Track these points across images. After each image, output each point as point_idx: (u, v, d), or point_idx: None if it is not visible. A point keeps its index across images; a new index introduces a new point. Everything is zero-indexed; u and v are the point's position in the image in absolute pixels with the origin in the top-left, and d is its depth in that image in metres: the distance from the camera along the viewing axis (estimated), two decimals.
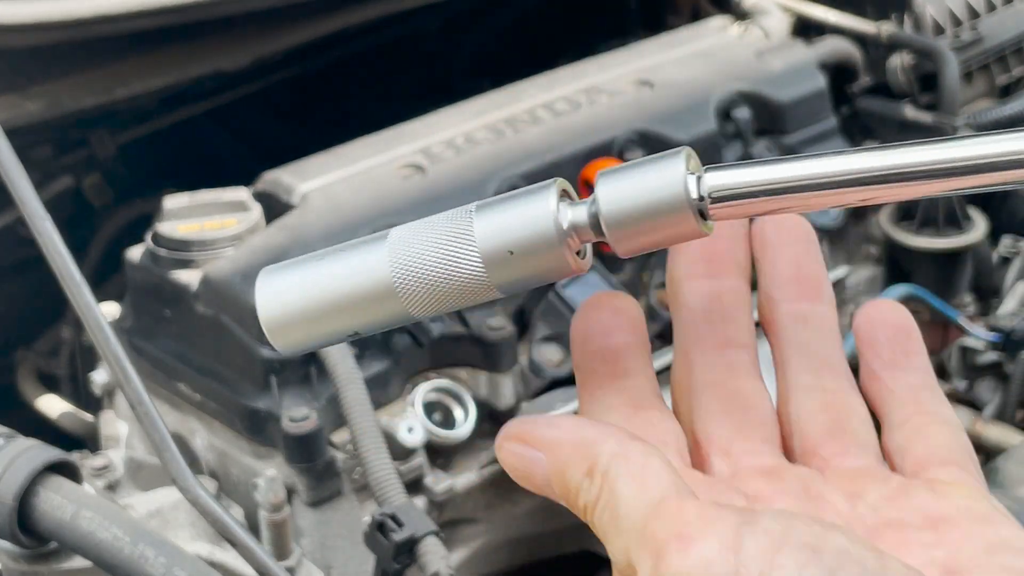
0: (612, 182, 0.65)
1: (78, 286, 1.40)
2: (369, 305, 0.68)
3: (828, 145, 2.03)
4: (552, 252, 0.65)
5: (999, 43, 2.36)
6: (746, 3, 2.30)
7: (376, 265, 0.68)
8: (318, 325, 0.70)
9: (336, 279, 0.69)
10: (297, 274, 0.72)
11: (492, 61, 2.70)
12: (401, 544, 1.33)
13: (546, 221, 0.64)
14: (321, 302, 0.69)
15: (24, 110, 1.88)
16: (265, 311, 0.72)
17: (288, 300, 0.71)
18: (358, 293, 0.69)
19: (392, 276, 0.67)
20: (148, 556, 1.26)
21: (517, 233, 0.65)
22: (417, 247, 0.68)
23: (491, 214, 0.66)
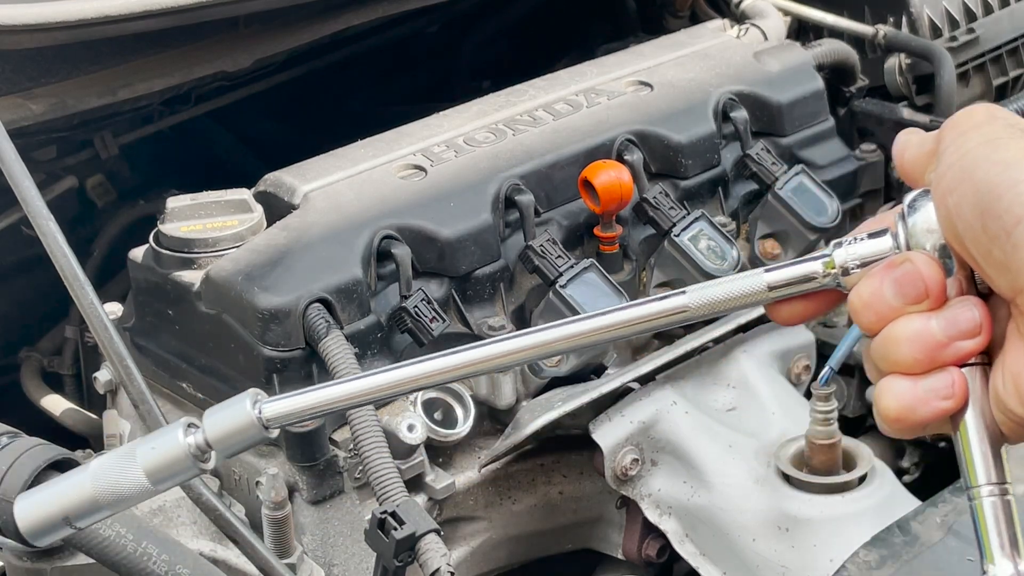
0: (212, 420, 0.98)
1: (82, 286, 1.41)
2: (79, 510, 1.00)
3: (826, 145, 2.04)
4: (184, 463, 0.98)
5: (995, 44, 2.37)
6: (744, 5, 2.31)
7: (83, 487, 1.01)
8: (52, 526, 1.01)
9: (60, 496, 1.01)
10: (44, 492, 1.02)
11: (492, 63, 2.71)
12: (402, 542, 1.34)
13: (181, 448, 0.97)
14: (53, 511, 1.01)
15: (28, 111, 1.89)
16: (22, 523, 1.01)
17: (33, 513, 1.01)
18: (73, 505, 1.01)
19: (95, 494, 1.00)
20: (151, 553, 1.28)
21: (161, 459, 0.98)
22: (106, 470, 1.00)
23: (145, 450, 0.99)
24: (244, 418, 0.97)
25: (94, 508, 1.00)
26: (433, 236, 1.67)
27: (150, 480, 0.99)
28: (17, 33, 1.73)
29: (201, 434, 0.98)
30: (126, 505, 1.01)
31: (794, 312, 0.91)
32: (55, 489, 1.02)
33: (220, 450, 0.99)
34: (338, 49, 2.40)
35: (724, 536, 1.65)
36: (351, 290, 1.59)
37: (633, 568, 1.76)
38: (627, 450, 1.66)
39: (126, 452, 1.00)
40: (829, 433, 1.62)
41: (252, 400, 0.97)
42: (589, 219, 1.79)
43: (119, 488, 0.99)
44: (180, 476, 1.00)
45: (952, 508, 1.36)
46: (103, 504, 1.00)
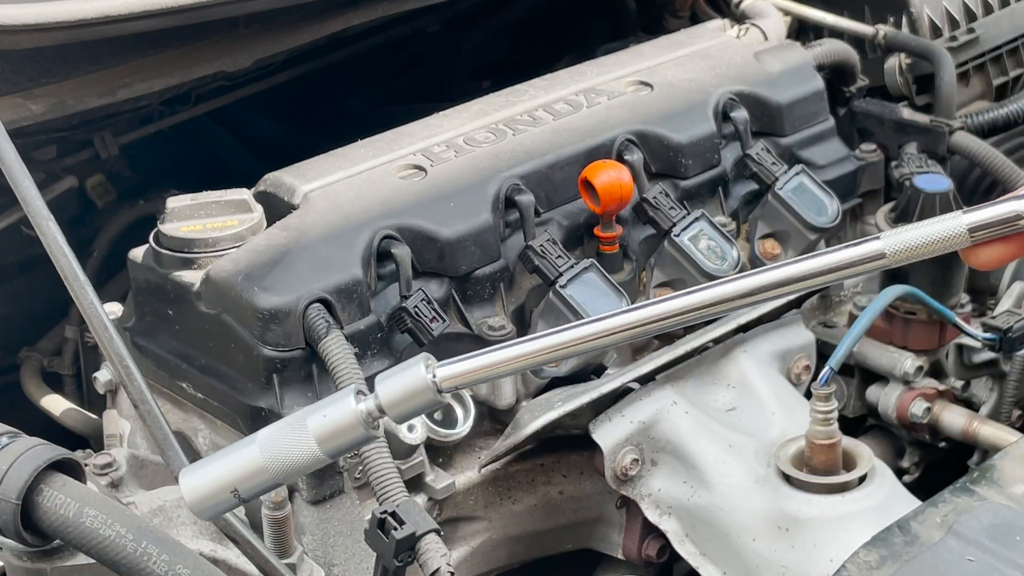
0: (386, 383, 0.99)
1: (82, 286, 1.41)
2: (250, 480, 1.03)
3: (826, 145, 2.04)
4: (358, 429, 1.00)
5: (995, 44, 2.38)
6: (744, 5, 2.31)
7: (250, 455, 1.03)
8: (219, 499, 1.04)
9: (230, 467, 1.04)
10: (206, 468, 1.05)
11: (492, 63, 2.71)
12: (402, 542, 1.33)
13: (352, 413, 0.99)
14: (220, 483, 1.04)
15: (28, 111, 1.89)
16: (189, 495, 1.05)
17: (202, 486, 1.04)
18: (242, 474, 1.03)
19: (263, 461, 1.02)
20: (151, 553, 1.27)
21: (336, 427, 1.00)
22: (277, 442, 1.02)
23: (317, 418, 1.01)
24: (418, 381, 0.97)
25: (263, 478, 1.01)
26: (433, 236, 1.67)
27: (321, 448, 0.99)
28: (17, 33, 1.73)
29: (374, 400, 0.99)
30: (295, 475, 1.02)
31: (993, 255, 0.88)
32: (222, 461, 1.02)
33: (394, 415, 0.99)
34: (338, 49, 2.40)
35: (724, 536, 1.65)
36: (351, 290, 1.59)
37: (633, 568, 1.76)
38: (627, 450, 1.66)
39: (295, 421, 1.01)
40: (829, 433, 1.62)
41: (425, 363, 0.98)
42: (589, 219, 1.79)
43: (289, 457, 1.00)
44: (351, 443, 1.01)
45: (952, 508, 1.36)
46: (272, 474, 1.01)
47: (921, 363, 1.92)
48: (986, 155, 2.08)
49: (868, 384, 1.97)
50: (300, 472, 1.01)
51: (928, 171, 2.03)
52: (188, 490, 1.02)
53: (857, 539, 1.36)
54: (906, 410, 1.91)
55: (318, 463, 1.00)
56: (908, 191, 1.98)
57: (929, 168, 2.05)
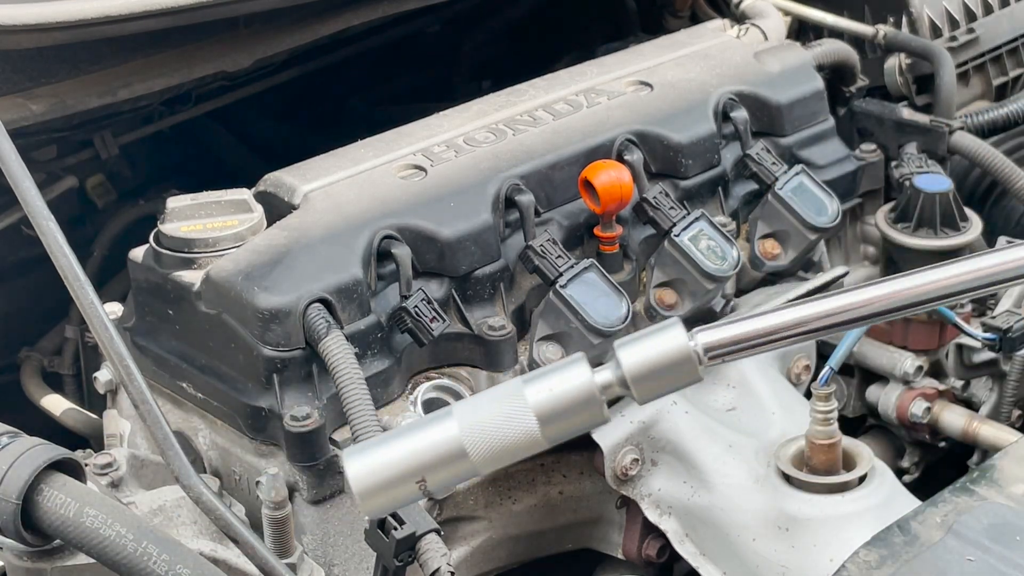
0: (631, 351, 0.80)
1: (82, 286, 1.42)
2: (442, 468, 0.82)
3: (825, 146, 2.04)
4: (593, 408, 0.80)
5: (995, 44, 2.38)
6: (744, 5, 2.31)
7: (448, 435, 0.82)
8: (401, 491, 0.83)
9: (415, 450, 0.82)
10: (382, 450, 0.84)
11: (492, 63, 2.72)
12: (402, 541, 1.34)
13: (588, 386, 0.80)
14: (404, 472, 0.82)
15: (28, 111, 1.89)
16: (358, 485, 0.84)
17: (377, 474, 0.83)
18: (434, 460, 0.82)
19: (463, 443, 0.81)
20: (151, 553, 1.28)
21: (563, 401, 0.80)
22: (482, 417, 0.82)
23: (540, 388, 0.80)
24: (676, 350, 0.79)
25: (460, 467, 0.80)
26: (433, 236, 1.67)
27: (543, 430, 0.80)
28: (17, 33, 1.73)
29: (615, 370, 0.81)
30: (500, 463, 0.81)
31: None
32: (405, 441, 0.81)
33: (641, 392, 0.81)
34: (338, 49, 2.40)
35: (724, 536, 1.65)
36: (351, 290, 1.60)
37: (633, 568, 1.76)
38: (627, 450, 1.66)
39: (509, 393, 0.81)
40: (829, 433, 1.62)
41: (683, 328, 0.80)
42: (589, 219, 1.79)
43: (500, 439, 0.80)
44: (579, 427, 0.81)
45: (952, 508, 1.36)
46: (474, 460, 0.80)
47: (921, 363, 1.92)
48: (986, 155, 2.08)
49: (868, 384, 1.97)
50: (507, 460, 0.80)
51: (928, 171, 2.04)
52: (358, 477, 0.81)
53: (857, 539, 1.36)
54: (906, 410, 1.91)
55: (533, 448, 0.80)
56: (908, 191, 1.98)
57: (929, 168, 2.05)
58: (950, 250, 1.96)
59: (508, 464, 0.83)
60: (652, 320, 1.80)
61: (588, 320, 1.65)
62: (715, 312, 1.86)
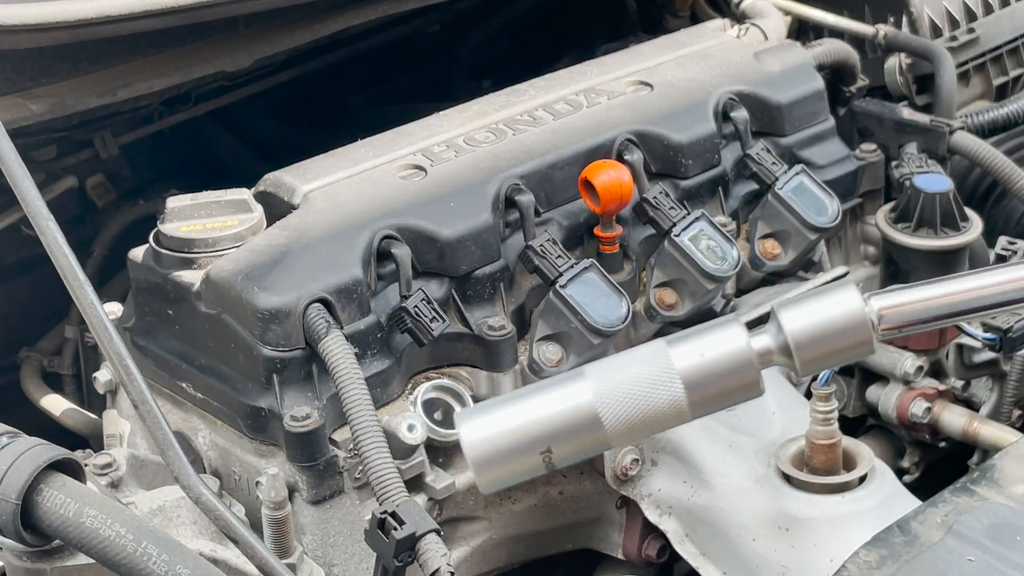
0: (795, 314, 0.70)
1: (82, 286, 1.41)
2: (571, 437, 0.73)
3: (825, 146, 2.04)
4: (748, 377, 0.72)
5: (996, 44, 2.38)
6: (744, 5, 2.31)
7: (580, 401, 0.72)
8: (522, 462, 0.74)
9: (539, 417, 0.72)
10: (501, 414, 0.74)
11: (492, 63, 2.72)
12: (402, 542, 1.34)
13: (744, 352, 0.71)
14: (527, 441, 0.73)
15: (28, 111, 1.89)
16: (473, 453, 0.75)
17: (496, 442, 0.74)
18: (562, 427, 0.72)
19: (598, 409, 0.71)
20: (151, 553, 1.28)
21: (715, 367, 0.71)
22: (621, 382, 0.72)
23: (689, 351, 0.71)
24: (850, 314, 0.70)
25: (591, 437, 0.71)
26: (433, 236, 1.67)
27: (689, 397, 0.71)
28: (17, 33, 1.73)
29: (776, 335, 0.73)
30: (636, 436, 0.73)
31: None
32: (532, 404, 0.72)
33: (804, 361, 0.71)
34: (338, 49, 2.40)
35: (724, 536, 1.65)
36: (351, 290, 1.60)
37: (633, 568, 1.76)
38: (627, 450, 1.66)
39: (652, 355, 0.73)
40: (829, 433, 1.62)
41: (857, 289, 0.71)
42: (589, 219, 1.79)
43: (641, 406, 0.70)
44: (729, 395, 0.73)
45: (952, 508, 1.36)
46: (609, 431, 0.71)
47: (921, 363, 1.92)
48: (986, 155, 2.08)
49: (868, 384, 1.97)
50: (645, 432, 0.73)
51: (928, 171, 2.03)
52: (473, 445, 0.73)
53: (857, 539, 1.36)
54: (906, 410, 1.91)
55: (676, 420, 0.72)
56: (908, 191, 1.98)
57: (929, 168, 2.05)
58: (950, 250, 1.96)
59: (642, 438, 0.74)
60: (652, 320, 1.80)
61: (588, 320, 1.65)
62: (715, 312, 1.86)
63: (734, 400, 0.75)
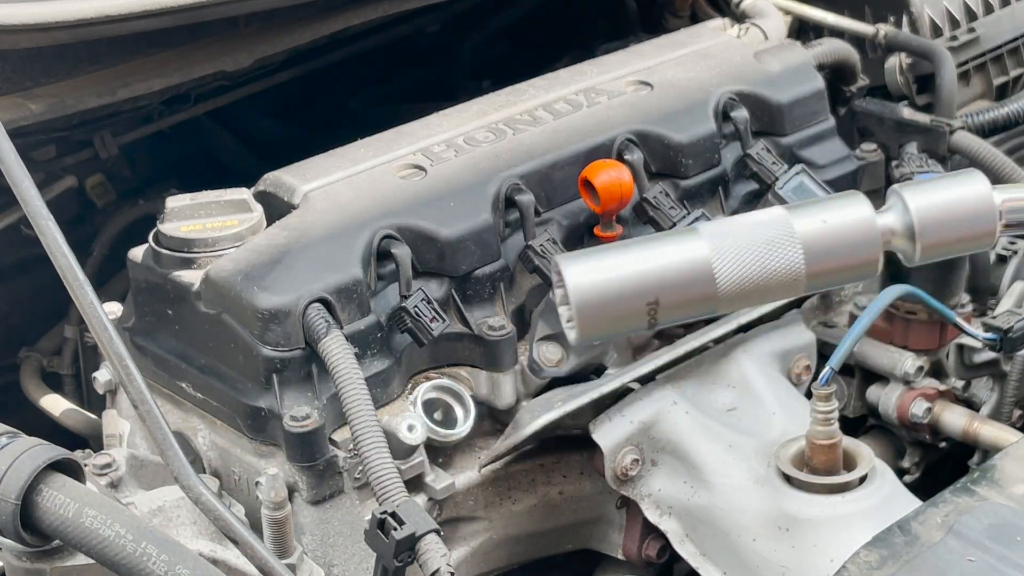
0: (921, 194, 0.69)
1: (81, 286, 1.41)
2: (682, 291, 0.69)
3: (826, 145, 2.04)
4: (869, 253, 0.71)
5: (996, 44, 2.38)
6: (744, 5, 2.31)
7: (694, 255, 0.69)
8: (626, 312, 0.70)
9: (649, 267, 0.69)
10: (608, 260, 0.71)
11: (492, 63, 2.72)
12: (402, 542, 1.34)
13: (868, 224, 0.69)
14: (635, 288, 0.69)
15: (28, 111, 1.89)
16: (578, 296, 0.70)
17: (602, 287, 0.70)
18: (673, 280, 0.69)
19: (712, 264, 0.69)
20: (151, 554, 1.27)
21: (837, 238, 0.69)
22: (738, 240, 0.70)
23: (809, 214, 0.69)
24: (979, 200, 0.69)
25: (701, 290, 0.67)
26: (433, 236, 1.67)
27: (807, 264, 0.68)
28: (17, 33, 1.73)
29: (902, 214, 0.71)
30: (740, 303, 0.69)
31: None
32: (646, 254, 0.68)
33: (927, 244, 0.72)
34: (338, 49, 2.40)
35: (724, 536, 1.65)
36: (351, 290, 1.59)
37: (633, 568, 1.76)
38: (627, 450, 1.66)
39: (774, 218, 0.70)
40: (829, 433, 1.61)
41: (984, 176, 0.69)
42: (589, 219, 1.79)
43: (756, 266, 0.67)
44: (847, 274, 0.71)
45: (953, 509, 1.36)
46: (721, 287, 0.67)
47: (922, 363, 1.92)
48: (986, 155, 2.08)
49: (868, 384, 1.97)
50: (755, 300, 0.69)
51: (928, 171, 2.03)
52: (578, 288, 0.67)
53: (857, 539, 1.36)
54: (906, 410, 1.91)
55: (788, 292, 0.70)
56: None
57: (929, 168, 2.05)
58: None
59: (751, 305, 0.72)
60: None
61: None
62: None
63: (849, 277, 0.72)
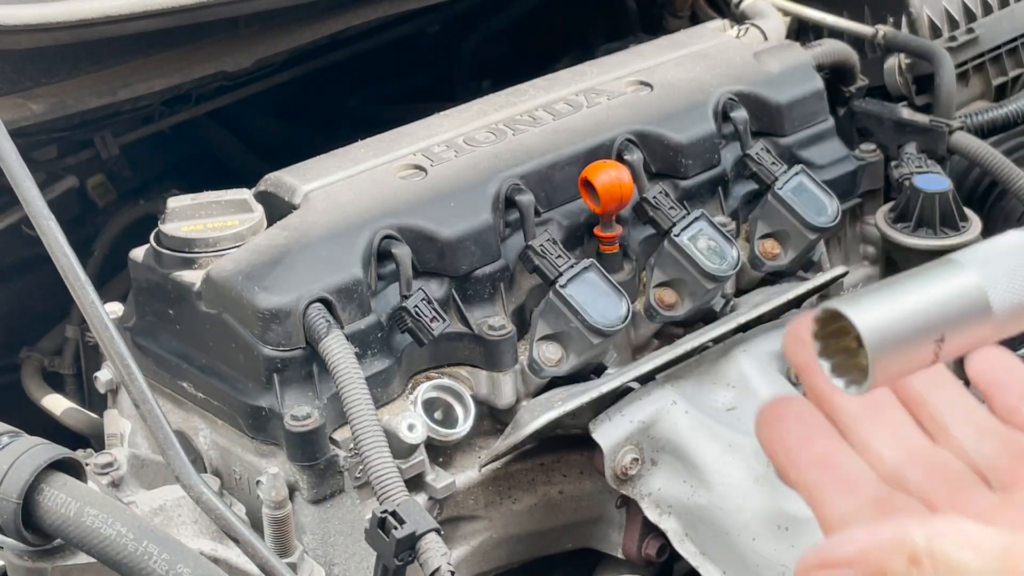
0: None
1: (82, 285, 1.42)
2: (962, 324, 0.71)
3: (825, 146, 2.04)
4: None
5: (995, 44, 2.38)
6: (744, 5, 2.31)
7: (965, 285, 0.71)
8: (915, 353, 0.72)
9: (929, 303, 0.71)
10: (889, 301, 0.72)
11: (492, 63, 2.72)
12: (402, 541, 1.34)
13: None
14: (920, 326, 0.71)
15: (28, 111, 1.89)
16: (872, 337, 0.72)
17: (896, 330, 0.71)
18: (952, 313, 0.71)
19: (987, 291, 0.70)
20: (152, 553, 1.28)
21: None
22: (1004, 264, 0.71)
23: None
24: None
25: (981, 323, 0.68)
26: (433, 236, 1.67)
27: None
28: (17, 33, 1.74)
29: None
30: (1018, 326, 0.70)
31: None
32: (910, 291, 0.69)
33: None
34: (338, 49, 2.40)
35: (724, 535, 1.65)
36: (351, 290, 1.60)
37: (633, 568, 1.77)
38: (627, 450, 1.67)
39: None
40: None
41: None
42: (589, 219, 1.79)
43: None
44: None
45: None
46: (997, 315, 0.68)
47: None
48: (986, 155, 2.08)
49: None
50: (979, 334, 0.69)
51: (928, 171, 2.04)
52: (872, 331, 0.68)
53: None
54: None
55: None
56: (908, 191, 1.98)
57: (929, 168, 2.05)
58: (950, 250, 1.95)
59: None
60: (652, 320, 1.80)
61: (588, 320, 1.65)
62: (715, 312, 1.86)
63: None
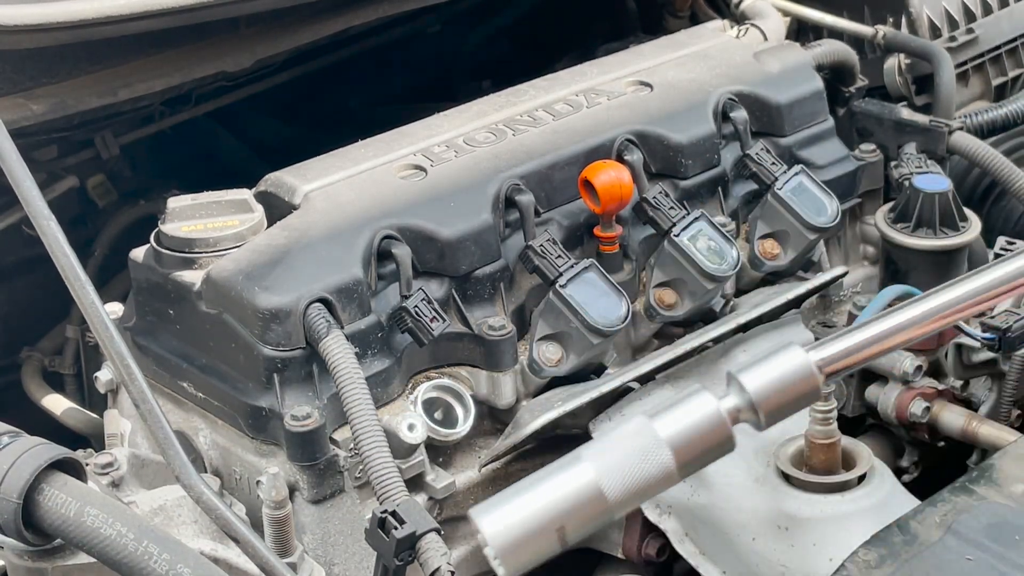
0: (752, 375, 0.82)
1: (83, 285, 1.42)
2: (580, 513, 0.82)
3: (825, 146, 2.04)
4: (723, 436, 0.82)
5: (994, 44, 2.38)
6: (744, 5, 2.31)
7: (582, 479, 0.82)
8: (540, 543, 0.81)
9: (550, 499, 0.81)
10: (513, 504, 0.82)
11: (492, 63, 2.72)
12: (402, 541, 1.34)
13: (715, 413, 0.81)
14: (541, 522, 0.81)
15: (29, 111, 1.90)
16: (497, 543, 0.82)
17: (515, 531, 0.81)
18: (571, 506, 0.82)
19: (600, 483, 0.81)
20: (152, 552, 1.28)
21: (694, 431, 0.81)
22: (616, 456, 0.82)
23: (669, 421, 0.82)
24: (798, 368, 0.80)
25: (598, 510, 0.79)
26: (433, 236, 1.67)
27: (677, 463, 0.80)
28: (18, 33, 1.74)
29: (740, 395, 0.82)
30: (637, 501, 0.82)
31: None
32: (537, 492, 0.80)
33: (768, 413, 0.81)
34: (338, 49, 2.40)
35: (724, 535, 1.65)
36: (351, 290, 1.60)
37: (633, 567, 1.77)
38: None
39: (639, 430, 0.82)
40: (828, 432, 1.62)
41: (800, 347, 0.80)
42: (589, 219, 1.79)
43: (638, 478, 0.79)
44: (709, 453, 0.81)
45: (952, 508, 1.36)
46: (614, 502, 0.79)
47: (920, 363, 1.92)
48: (985, 155, 2.08)
49: (867, 384, 1.97)
50: (641, 499, 0.81)
51: (927, 171, 2.04)
52: (495, 535, 0.79)
53: (856, 538, 1.36)
54: (905, 410, 1.91)
55: (667, 484, 0.81)
56: (907, 191, 1.98)
57: (928, 168, 2.05)
58: (949, 250, 1.97)
59: (639, 504, 0.84)
60: (652, 320, 1.81)
61: (588, 320, 1.66)
62: (715, 312, 1.87)
63: (714, 457, 0.83)
